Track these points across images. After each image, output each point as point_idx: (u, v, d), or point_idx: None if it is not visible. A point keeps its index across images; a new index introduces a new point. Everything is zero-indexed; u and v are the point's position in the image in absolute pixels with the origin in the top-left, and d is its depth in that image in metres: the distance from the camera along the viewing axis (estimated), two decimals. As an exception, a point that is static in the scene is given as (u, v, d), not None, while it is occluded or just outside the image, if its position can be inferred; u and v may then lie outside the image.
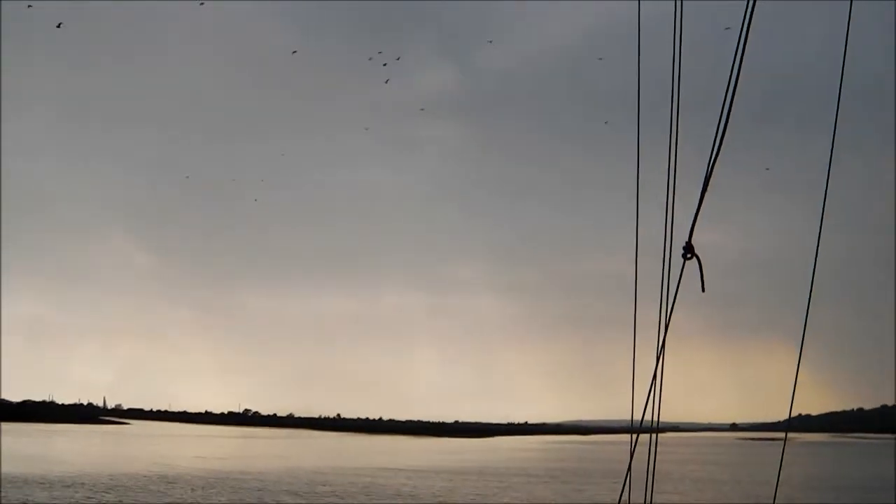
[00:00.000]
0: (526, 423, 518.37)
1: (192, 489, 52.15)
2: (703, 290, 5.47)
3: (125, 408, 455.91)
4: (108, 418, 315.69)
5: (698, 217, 5.48)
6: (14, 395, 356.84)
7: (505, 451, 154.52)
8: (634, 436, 6.20)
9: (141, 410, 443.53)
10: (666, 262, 5.68)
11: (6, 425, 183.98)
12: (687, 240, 5.49)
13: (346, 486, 60.02)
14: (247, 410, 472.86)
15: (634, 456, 6.24)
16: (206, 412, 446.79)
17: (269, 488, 55.42)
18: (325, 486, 58.92)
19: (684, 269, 5.52)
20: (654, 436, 6.12)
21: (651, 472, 6.10)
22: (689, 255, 5.50)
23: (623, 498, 6.18)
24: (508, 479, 73.49)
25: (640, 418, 6.03)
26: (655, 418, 5.95)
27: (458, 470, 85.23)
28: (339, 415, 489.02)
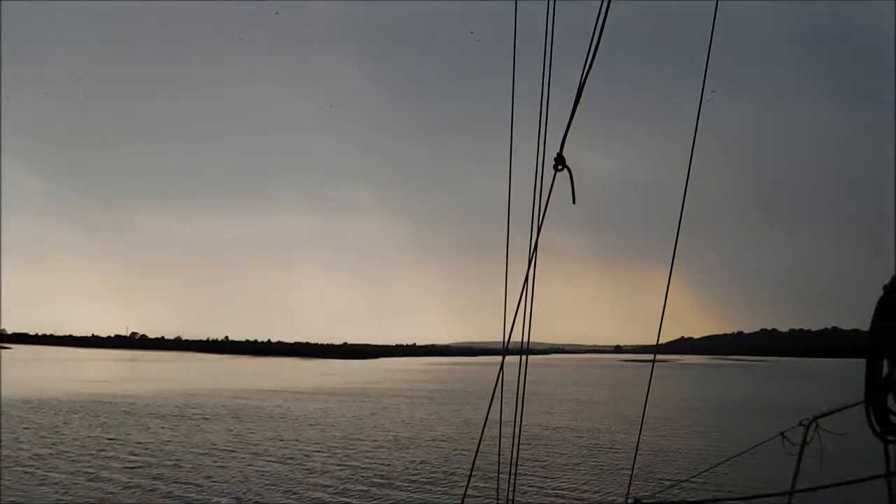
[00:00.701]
0: (415, 344, 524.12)
1: (56, 413, 50.96)
2: (574, 201, 5.46)
3: (9, 332, 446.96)
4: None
5: (570, 129, 5.45)
6: None
7: (390, 372, 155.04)
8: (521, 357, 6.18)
9: (25, 335, 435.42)
10: (539, 174, 5.72)
11: None
12: (558, 151, 5.47)
13: (216, 408, 58.97)
14: (134, 334, 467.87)
15: (508, 378, 6.21)
16: (93, 336, 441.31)
17: (136, 412, 54.30)
18: (194, 408, 57.91)
19: (555, 181, 5.51)
20: (523, 357, 6.16)
21: (521, 392, 6.15)
22: (559, 167, 5.50)
23: (491, 416, 6.19)
24: (385, 399, 73.36)
25: (514, 339, 6.06)
26: (526, 337, 6.01)
27: (337, 391, 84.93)
28: (227, 337, 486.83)
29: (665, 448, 40.82)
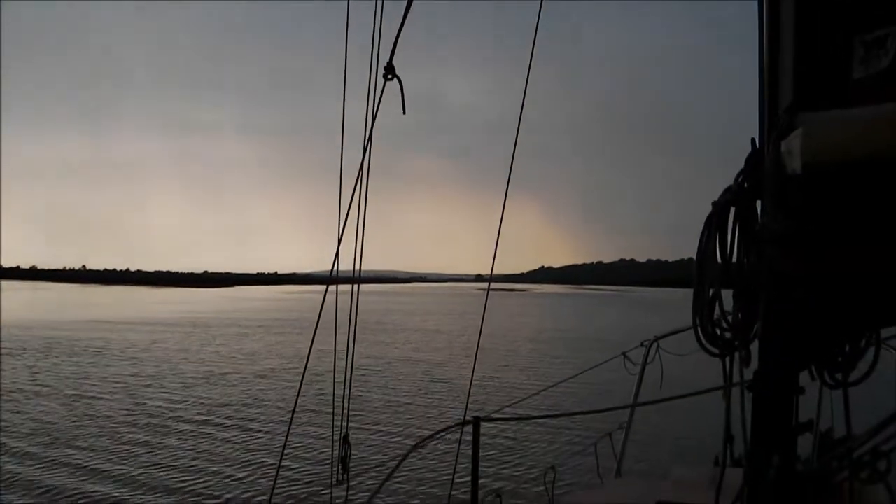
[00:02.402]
0: (276, 273, 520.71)
1: None
2: (404, 111, 5.49)
3: None
4: None
5: (399, 38, 5.41)
6: None
7: (242, 300, 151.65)
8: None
9: None
10: (372, 84, 5.61)
11: None
12: (388, 60, 5.43)
13: (35, 339, 55.51)
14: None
15: (342, 306, 6.14)
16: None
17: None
18: (8, 341, 54.08)
19: (385, 90, 5.45)
20: (355, 286, 6.12)
21: (353, 323, 6.11)
22: (390, 77, 5.44)
23: (325, 349, 6.09)
24: (221, 329, 70.54)
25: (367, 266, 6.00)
26: (358, 264, 6.01)
27: (174, 321, 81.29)
28: (84, 266, 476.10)
29: (512, 372, 40.63)
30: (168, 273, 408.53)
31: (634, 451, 11.05)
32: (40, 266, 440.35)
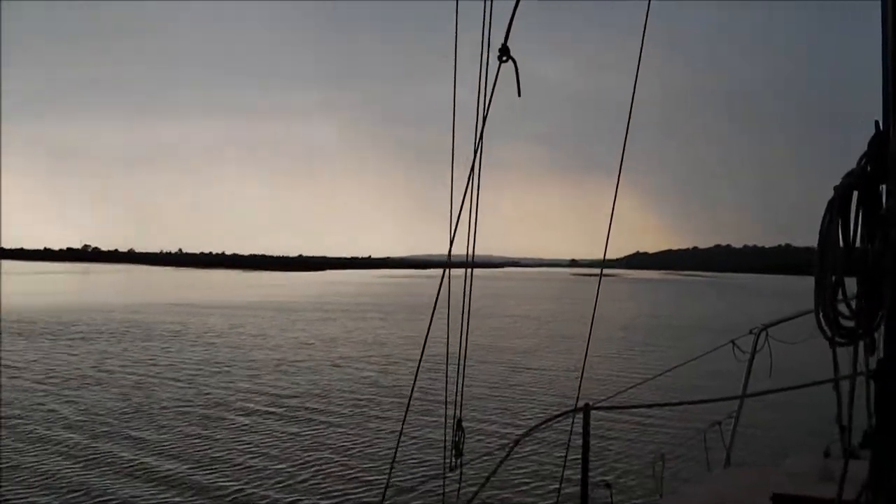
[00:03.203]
0: (370, 257, 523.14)
1: None
2: (519, 94, 5.19)
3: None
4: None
5: (514, 19, 5.14)
6: None
7: (332, 284, 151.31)
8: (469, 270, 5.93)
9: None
10: (483, 66, 5.32)
11: None
12: (503, 42, 5.18)
13: (114, 323, 54.85)
14: (86, 246, 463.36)
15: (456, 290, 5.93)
16: (45, 249, 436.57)
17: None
18: (89, 325, 53.31)
19: (500, 72, 5.18)
20: (468, 271, 5.97)
21: (467, 307, 5.84)
22: (504, 58, 5.17)
23: (436, 334, 5.72)
24: (304, 314, 69.14)
25: (460, 251, 5.70)
26: (471, 249, 5.78)
27: (258, 305, 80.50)
28: (181, 249, 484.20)
29: (617, 359, 39.65)
30: (262, 256, 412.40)
31: (742, 440, 10.53)
32: (138, 250, 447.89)
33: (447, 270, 5.92)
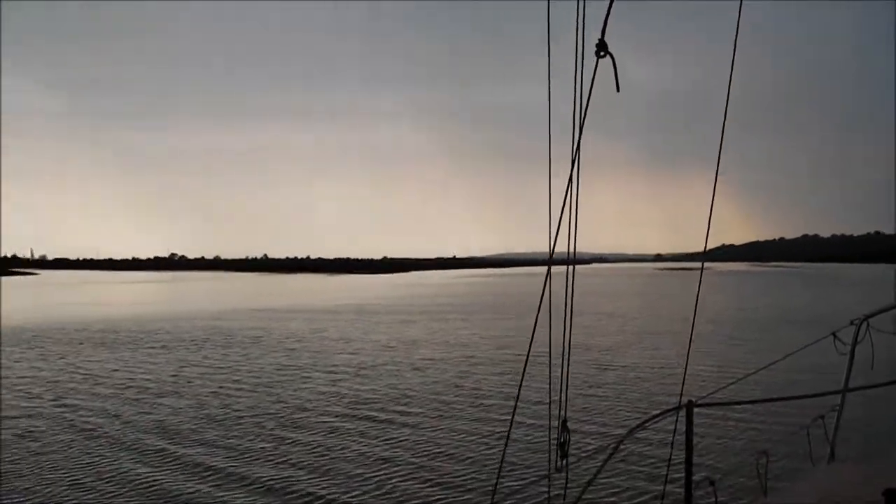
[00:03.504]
0: (454, 257, 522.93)
1: (65, 331, 47.95)
2: (618, 89, 5.12)
3: (50, 258, 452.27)
4: (18, 269, 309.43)
5: (610, 12, 5.08)
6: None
7: (417, 286, 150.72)
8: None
9: (66, 260, 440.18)
10: (578, 62, 5.32)
11: None
12: (600, 37, 5.05)
13: (195, 330, 54.78)
14: (173, 255, 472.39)
15: (554, 289, 5.84)
16: (133, 259, 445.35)
17: (124, 338, 49.91)
18: (168, 332, 53.31)
19: (598, 67, 5.12)
20: (569, 268, 5.95)
21: (569, 304, 5.91)
22: (602, 53, 5.04)
23: (523, 333, 2.87)
24: (387, 316, 68.43)
25: (562, 248, 5.69)
26: (571, 247, 5.81)
27: (340, 309, 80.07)
28: (265, 255, 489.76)
29: (715, 354, 38.57)
30: (347, 259, 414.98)
31: (846, 434, 10.05)
32: (224, 256, 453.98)
33: (549, 268, 5.86)
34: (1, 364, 38.04)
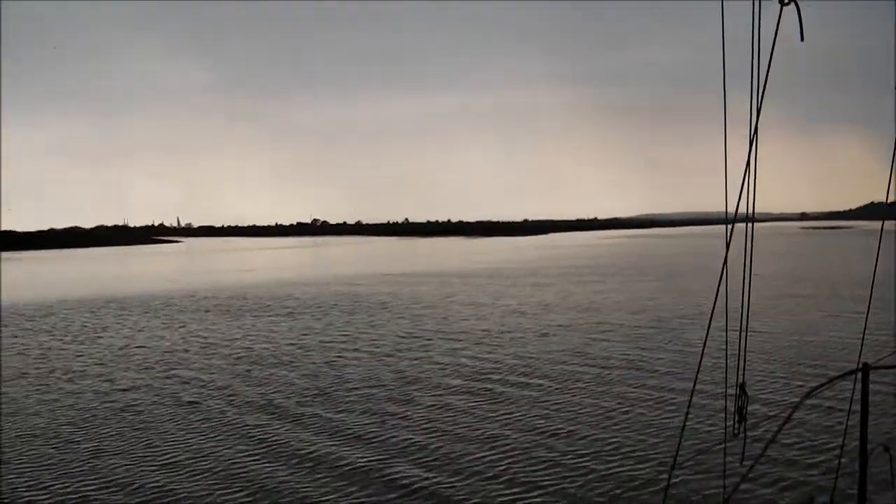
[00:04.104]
0: (595, 218, 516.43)
1: (193, 299, 49.29)
2: (802, 38, 4.90)
3: (195, 226, 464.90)
4: (161, 238, 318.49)
5: None
6: (88, 221, 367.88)
7: (555, 248, 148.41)
8: (730, 227, 5.61)
9: (211, 227, 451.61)
10: (756, 12, 5.05)
11: (70, 252, 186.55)
12: None
13: (323, 297, 54.26)
14: (315, 220, 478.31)
15: (719, 250, 5.76)
16: (277, 225, 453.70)
17: (240, 306, 49.75)
18: (296, 299, 52.82)
19: (781, 17, 4.82)
20: (749, 226, 5.68)
21: (748, 266, 5.66)
22: (787, 0, 4.77)
23: (721, 292, 5.62)
24: (519, 279, 66.62)
25: (731, 208, 5.48)
26: (750, 207, 5.50)
27: (474, 272, 78.63)
28: (406, 219, 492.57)
29: (881, 316, 35.52)
30: (487, 222, 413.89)
31: None
32: (365, 221, 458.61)
33: (730, 227, 5.67)
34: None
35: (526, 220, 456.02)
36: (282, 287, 63.22)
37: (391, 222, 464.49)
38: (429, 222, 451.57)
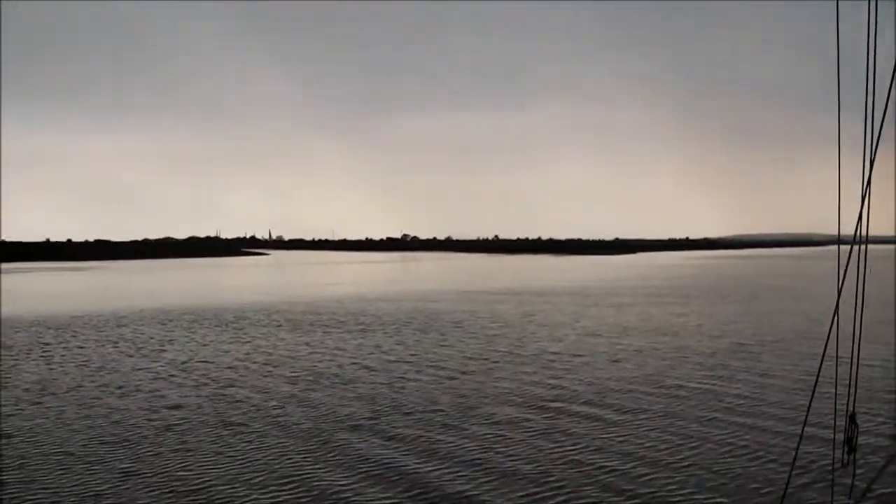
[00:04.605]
0: (686, 238, 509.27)
1: (266, 312, 48.88)
2: None
3: (286, 239, 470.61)
4: (250, 250, 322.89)
5: None
6: (182, 232, 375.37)
7: (644, 267, 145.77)
8: (844, 249, 5.46)
9: (301, 241, 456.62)
10: (872, 14, 4.92)
11: (164, 262, 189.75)
12: None
13: (399, 313, 53.43)
14: (405, 236, 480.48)
15: (827, 272, 2.39)
16: (367, 239, 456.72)
17: (313, 320, 49.11)
18: (368, 315, 52.01)
19: None
20: (861, 247, 5.32)
21: (860, 289, 5.39)
22: None
23: (835, 320, 5.38)
24: (601, 298, 64.93)
25: (844, 230, 5.36)
26: (864, 229, 5.32)
27: (555, 291, 77.09)
28: (496, 236, 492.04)
29: None
30: (577, 240, 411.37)
31: None
32: (456, 237, 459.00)
33: (843, 248, 5.53)
34: None
35: (617, 239, 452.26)
36: (359, 302, 62.59)
37: (481, 239, 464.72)
38: (519, 240, 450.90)
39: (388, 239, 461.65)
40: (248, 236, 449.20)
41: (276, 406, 24.17)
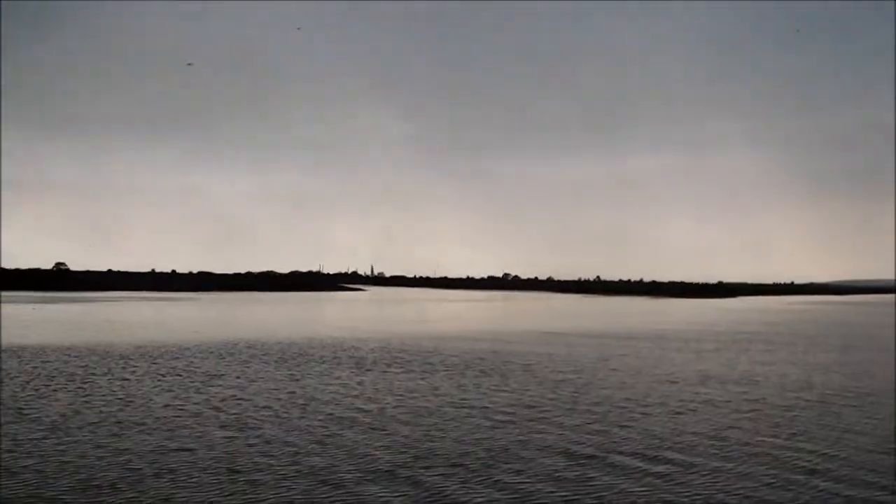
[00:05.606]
0: (792, 282, 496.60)
1: (325, 347, 48.12)
2: None
3: (388, 275, 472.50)
4: (348, 285, 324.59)
5: None
6: (286, 267, 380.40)
7: (744, 311, 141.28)
8: None
9: (403, 277, 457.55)
10: None
11: (260, 295, 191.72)
12: None
13: (460, 353, 51.63)
14: (506, 275, 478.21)
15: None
16: (468, 277, 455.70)
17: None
18: (420, 354, 50.26)
19: None
20: None
21: None
22: None
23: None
24: (686, 343, 62.11)
25: None
26: None
27: (642, 334, 74.37)
28: (598, 277, 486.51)
29: None
30: (679, 283, 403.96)
31: None
32: (557, 277, 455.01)
33: None
34: None
35: (720, 283, 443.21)
36: (434, 340, 60.92)
37: (582, 280, 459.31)
38: (620, 281, 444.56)
39: (490, 277, 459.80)
40: (349, 271, 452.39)
41: (298, 449, 22.62)
